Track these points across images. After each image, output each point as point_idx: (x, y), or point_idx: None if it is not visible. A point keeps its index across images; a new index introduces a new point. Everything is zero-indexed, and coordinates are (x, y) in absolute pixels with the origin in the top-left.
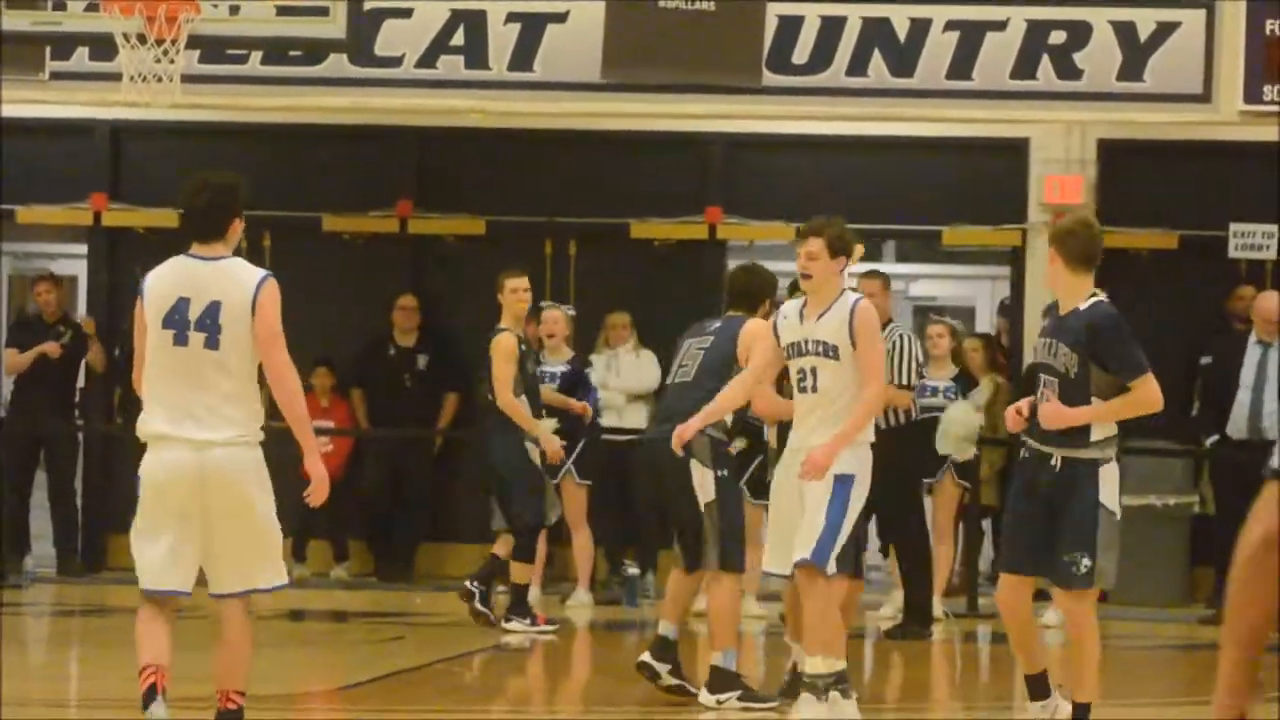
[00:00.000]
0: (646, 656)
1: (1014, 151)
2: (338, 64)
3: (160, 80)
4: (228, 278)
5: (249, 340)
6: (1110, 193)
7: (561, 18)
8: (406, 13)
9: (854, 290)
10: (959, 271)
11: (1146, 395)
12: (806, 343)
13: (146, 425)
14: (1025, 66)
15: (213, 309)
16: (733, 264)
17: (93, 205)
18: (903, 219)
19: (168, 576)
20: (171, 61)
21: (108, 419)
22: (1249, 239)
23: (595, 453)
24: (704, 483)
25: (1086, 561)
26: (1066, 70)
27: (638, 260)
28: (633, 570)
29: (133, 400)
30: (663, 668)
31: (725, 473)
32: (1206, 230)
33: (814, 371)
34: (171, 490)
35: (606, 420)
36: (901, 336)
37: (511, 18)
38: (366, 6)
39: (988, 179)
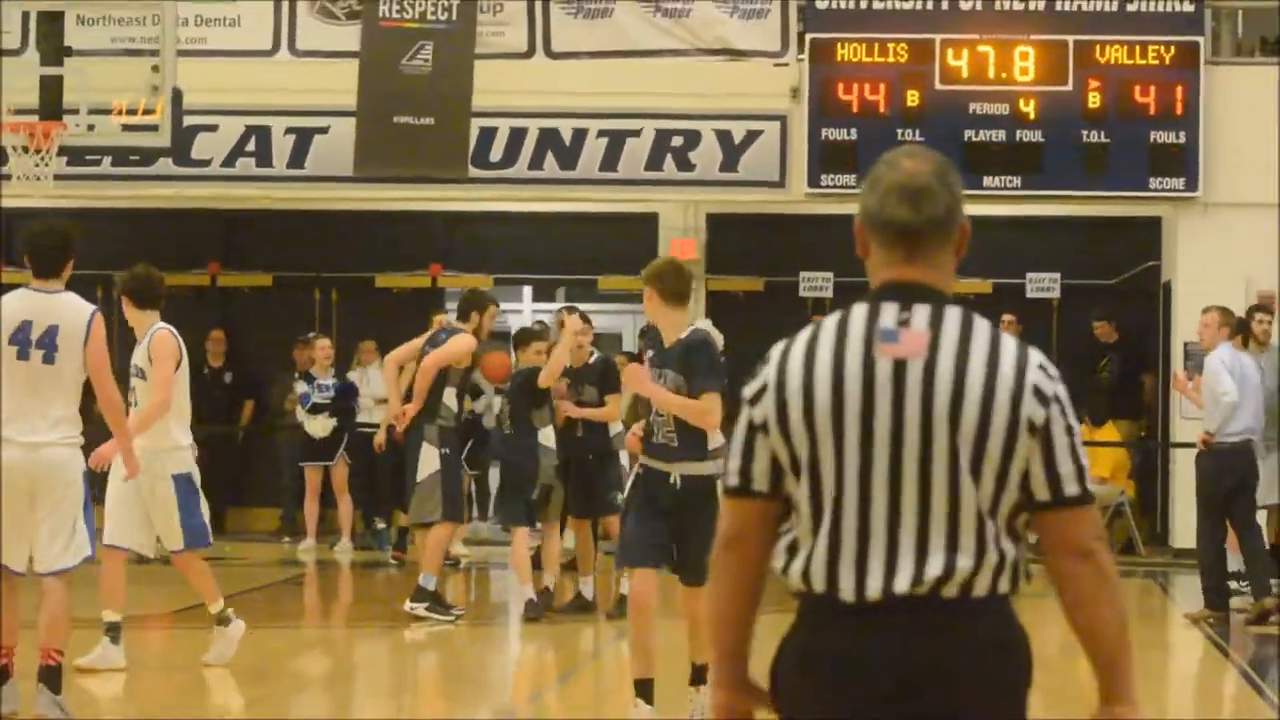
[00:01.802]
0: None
1: (647, 221)
2: (164, 164)
3: (39, 179)
4: (66, 307)
5: (81, 359)
6: (715, 251)
7: (325, 130)
8: (214, 127)
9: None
10: (611, 308)
11: (707, 407)
12: None
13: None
14: (655, 161)
15: (52, 332)
16: (449, 305)
17: None
18: (571, 270)
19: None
20: (47, 164)
21: None
22: (814, 283)
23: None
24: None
25: None
26: (684, 164)
27: (381, 303)
28: (380, 525)
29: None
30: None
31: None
32: (783, 277)
33: None
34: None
35: (362, 417)
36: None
37: (289, 130)
38: (186, 123)
39: (629, 241)
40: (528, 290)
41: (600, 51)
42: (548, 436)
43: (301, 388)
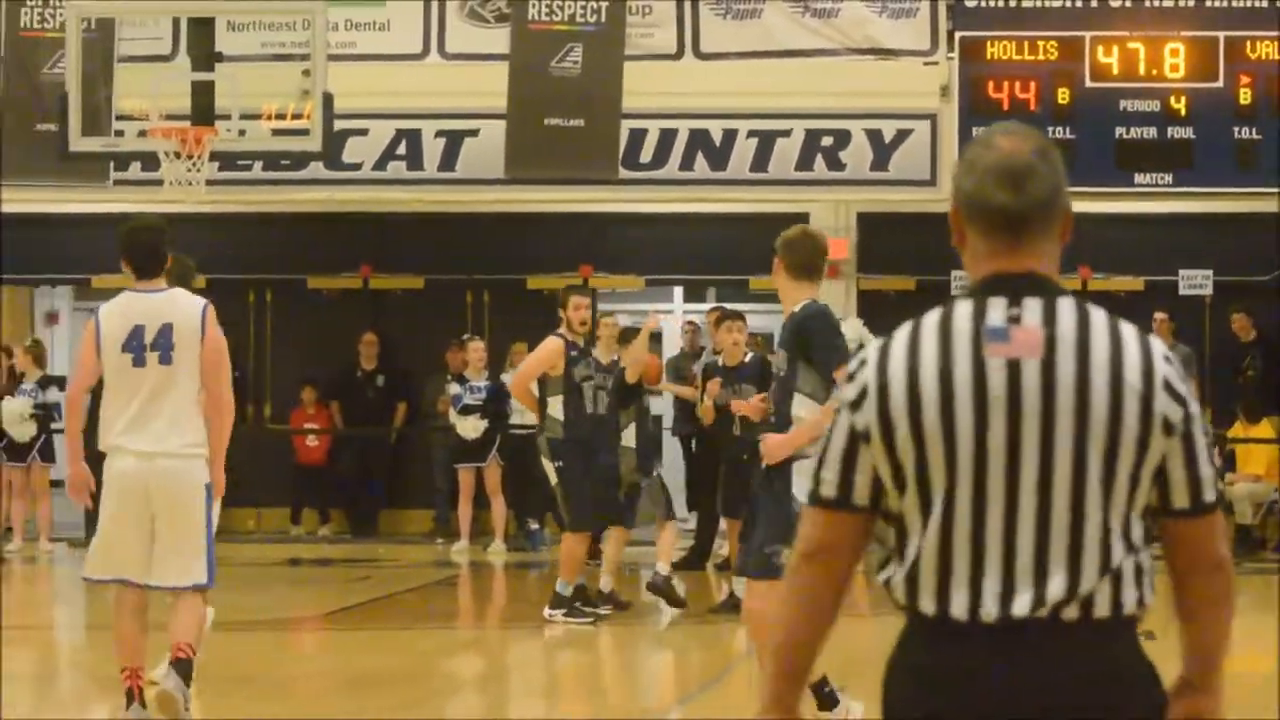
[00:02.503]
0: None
1: (798, 221)
2: (315, 169)
3: (191, 184)
4: (176, 304)
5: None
6: (866, 250)
7: (475, 133)
8: (364, 131)
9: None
10: (762, 308)
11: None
12: None
13: None
14: (805, 161)
15: (166, 331)
16: (603, 307)
17: None
18: (721, 271)
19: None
20: (199, 170)
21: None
22: (966, 282)
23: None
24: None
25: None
26: (834, 163)
27: (532, 305)
28: (534, 526)
29: None
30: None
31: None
32: (935, 276)
33: None
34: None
35: (514, 419)
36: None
37: (439, 133)
38: (336, 127)
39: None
40: (678, 291)
41: (749, 52)
42: (629, 437)
43: (454, 389)
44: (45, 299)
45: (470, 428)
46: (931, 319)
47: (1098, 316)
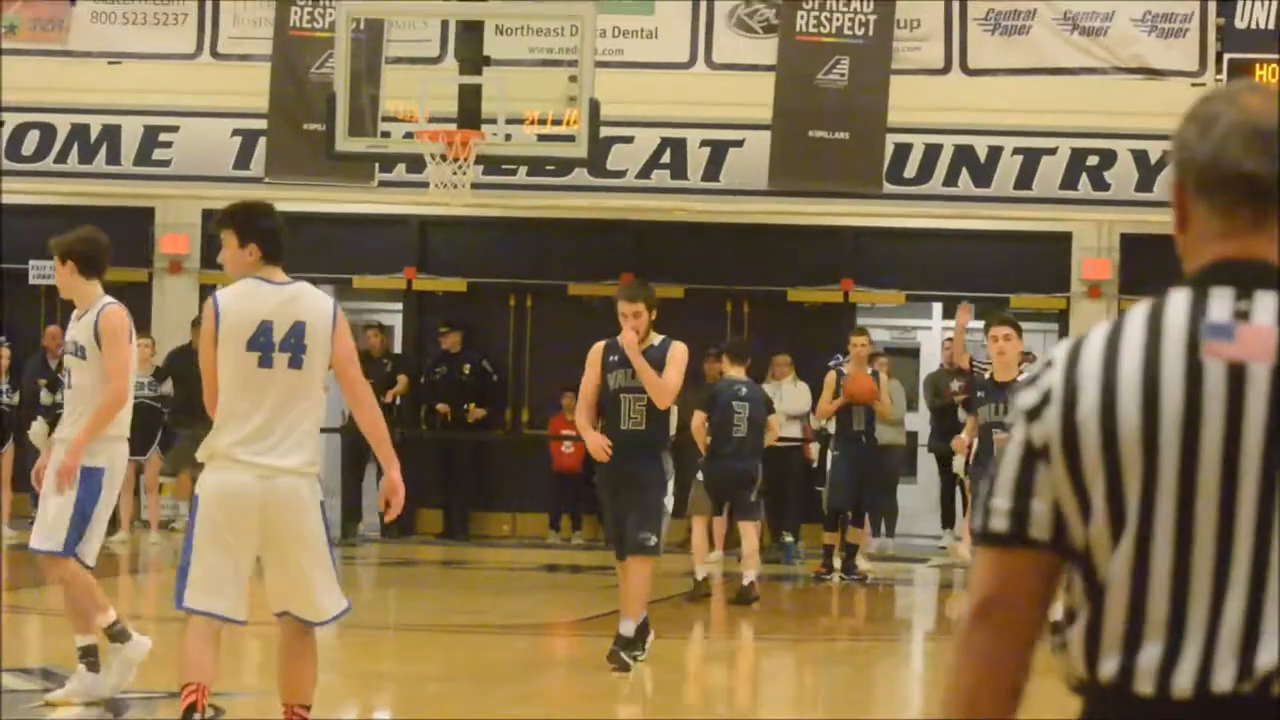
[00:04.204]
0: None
1: (1060, 240)
2: (579, 175)
3: (456, 186)
4: (307, 299)
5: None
6: (1129, 272)
7: (740, 143)
8: (629, 139)
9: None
10: (1023, 327)
11: None
12: None
13: None
14: (1070, 179)
15: (298, 330)
16: (860, 321)
17: (406, 275)
18: (980, 288)
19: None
20: (464, 173)
21: (406, 426)
22: None
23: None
24: None
25: None
26: (1099, 183)
27: (793, 317)
28: (789, 539)
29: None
30: None
31: None
32: None
33: None
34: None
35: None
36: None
37: (704, 143)
38: (602, 134)
39: (1043, 260)
40: (937, 307)
41: (1017, 68)
42: None
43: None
44: None
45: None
46: (1139, 312)
47: None
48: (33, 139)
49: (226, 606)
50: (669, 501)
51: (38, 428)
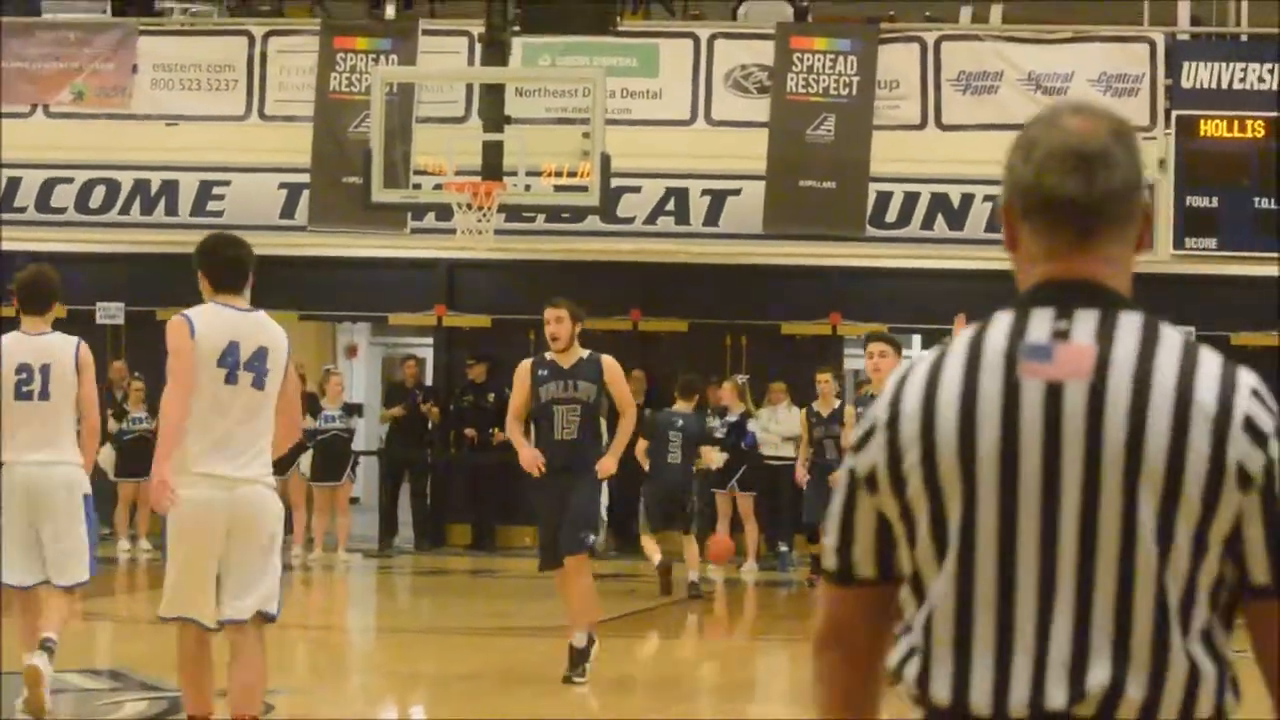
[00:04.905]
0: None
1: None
2: (592, 221)
3: (480, 233)
4: (269, 327)
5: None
6: None
7: (737, 192)
8: (637, 189)
9: None
10: None
11: None
12: None
13: None
14: None
15: (261, 354)
16: (846, 350)
17: (436, 312)
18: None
19: None
20: (488, 220)
21: (438, 449)
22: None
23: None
24: None
25: None
26: None
27: (785, 349)
28: (783, 549)
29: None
30: None
31: None
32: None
33: None
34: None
35: (767, 451)
36: None
37: (704, 192)
38: (612, 184)
39: (1010, 295)
40: (917, 338)
41: (986, 124)
42: None
43: (713, 422)
44: (345, 334)
45: (715, 457)
46: (963, 337)
47: (1170, 338)
48: (99, 194)
49: (201, 613)
50: (602, 507)
51: (106, 453)
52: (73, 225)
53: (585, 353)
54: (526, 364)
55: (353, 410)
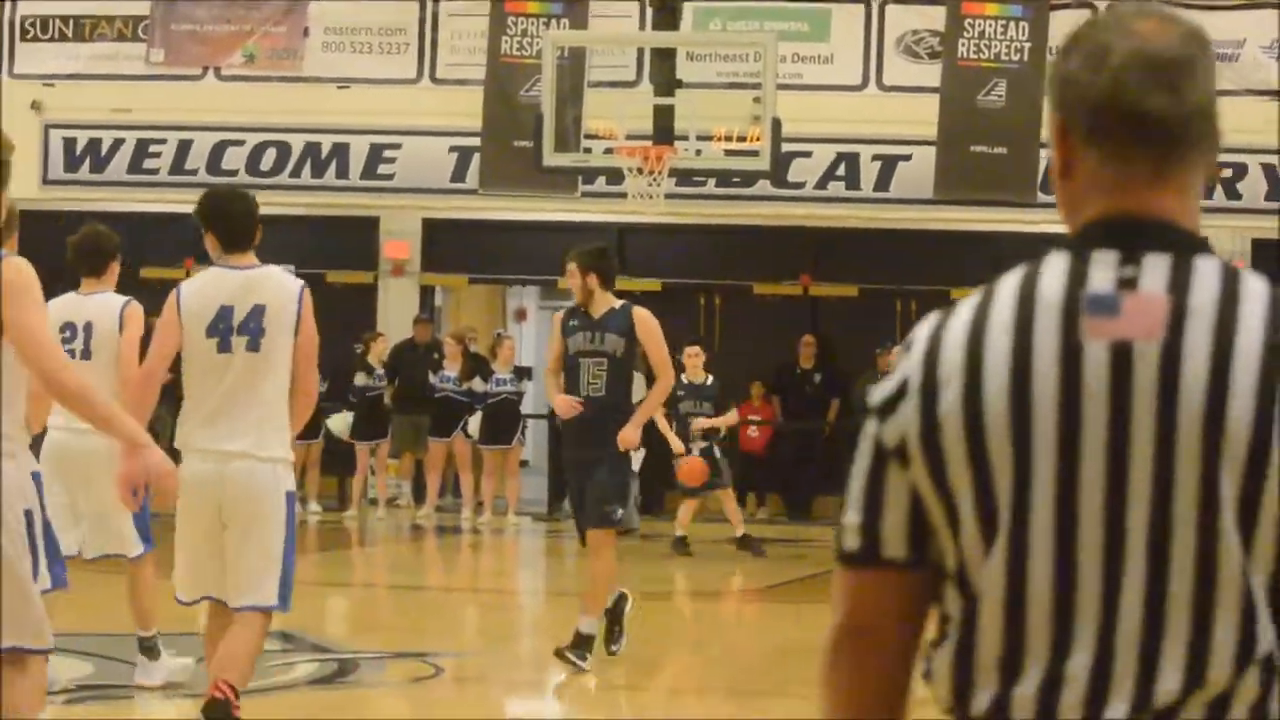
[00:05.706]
0: None
1: None
2: (763, 186)
3: (651, 197)
4: (270, 283)
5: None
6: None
7: (908, 157)
8: (808, 154)
9: None
10: None
11: None
12: None
13: None
14: (1207, 190)
15: (257, 313)
16: None
17: None
18: None
19: None
20: (658, 185)
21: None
22: None
23: None
24: None
25: None
26: (1232, 193)
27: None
28: None
29: None
30: None
31: None
32: None
33: None
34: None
35: None
36: None
37: (875, 157)
38: (783, 149)
39: None
40: None
41: None
42: None
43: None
44: (515, 298)
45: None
46: (1010, 284)
47: (1254, 288)
48: (270, 156)
49: (221, 590)
50: (635, 473)
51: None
52: (244, 189)
53: (618, 303)
54: (561, 314)
55: (523, 374)
